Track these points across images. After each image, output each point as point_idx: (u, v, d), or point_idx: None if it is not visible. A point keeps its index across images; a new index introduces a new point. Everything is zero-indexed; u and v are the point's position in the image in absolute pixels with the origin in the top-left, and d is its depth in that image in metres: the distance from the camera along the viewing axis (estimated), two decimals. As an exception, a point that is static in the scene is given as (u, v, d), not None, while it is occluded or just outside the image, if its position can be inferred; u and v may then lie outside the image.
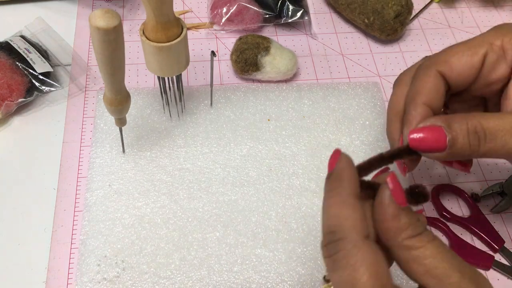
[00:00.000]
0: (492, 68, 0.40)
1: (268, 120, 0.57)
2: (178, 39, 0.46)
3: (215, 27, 0.66)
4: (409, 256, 0.29)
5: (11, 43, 0.58)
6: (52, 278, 0.46)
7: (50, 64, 0.59)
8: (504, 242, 0.51)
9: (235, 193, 0.52)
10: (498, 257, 0.51)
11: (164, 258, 0.47)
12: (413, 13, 0.69)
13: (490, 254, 0.50)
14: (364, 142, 0.56)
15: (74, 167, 0.53)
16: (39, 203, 0.51)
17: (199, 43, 0.65)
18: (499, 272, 0.50)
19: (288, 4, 0.65)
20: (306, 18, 0.66)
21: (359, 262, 0.27)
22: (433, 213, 0.53)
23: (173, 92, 0.54)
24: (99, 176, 0.52)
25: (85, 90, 0.60)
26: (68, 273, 0.47)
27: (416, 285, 0.30)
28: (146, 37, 0.46)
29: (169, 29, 0.46)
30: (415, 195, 0.30)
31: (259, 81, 0.61)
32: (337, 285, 0.28)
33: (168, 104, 0.56)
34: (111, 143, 0.54)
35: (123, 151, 0.53)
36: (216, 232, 0.49)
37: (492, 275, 0.50)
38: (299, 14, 0.65)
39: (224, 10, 0.64)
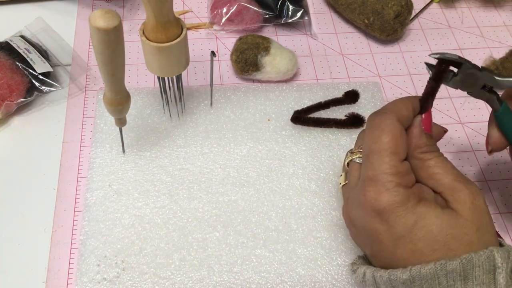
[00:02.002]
0: None
1: (268, 120, 0.57)
2: (178, 39, 0.46)
3: (215, 27, 0.66)
4: (420, 164, 0.40)
5: (11, 43, 0.58)
6: (52, 278, 0.46)
7: (50, 64, 0.59)
8: (504, 242, 0.51)
9: (235, 193, 0.52)
10: (498, 257, 0.50)
11: (164, 258, 0.47)
12: (413, 13, 0.69)
13: (490, 255, 0.50)
14: (364, 142, 0.56)
15: (74, 167, 0.53)
16: (39, 203, 0.51)
17: (199, 43, 0.65)
18: (499, 273, 0.50)
19: (288, 4, 0.65)
20: (306, 18, 0.66)
21: (388, 130, 0.39)
22: (433, 213, 0.53)
23: (173, 92, 0.54)
24: (99, 176, 0.52)
25: (85, 90, 0.60)
26: (68, 273, 0.47)
27: None
28: (146, 37, 0.46)
29: (169, 29, 0.46)
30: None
31: (259, 81, 0.61)
32: (366, 138, 0.40)
33: (168, 104, 0.56)
34: (111, 143, 0.54)
35: (123, 151, 0.53)
36: (216, 232, 0.49)
37: (492, 276, 0.50)
38: (299, 14, 0.65)
39: (224, 10, 0.64)
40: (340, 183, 0.46)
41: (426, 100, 0.42)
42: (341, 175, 0.46)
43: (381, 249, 0.38)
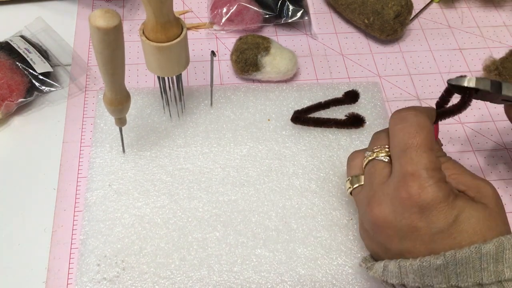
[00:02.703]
0: None
1: (268, 120, 0.57)
2: (178, 39, 0.46)
3: (215, 27, 0.66)
4: None
5: (11, 43, 0.58)
6: (52, 278, 0.46)
7: (50, 64, 0.59)
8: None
9: (235, 193, 0.51)
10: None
11: (164, 258, 0.47)
12: (413, 13, 0.69)
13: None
14: (364, 142, 0.56)
15: (74, 167, 0.53)
16: (39, 203, 0.51)
17: (199, 43, 0.65)
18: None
19: (288, 4, 0.65)
20: (306, 18, 0.66)
21: (424, 125, 0.40)
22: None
23: (173, 92, 0.54)
24: (99, 176, 0.52)
25: (85, 90, 0.60)
26: (68, 273, 0.47)
27: None
28: (146, 37, 0.46)
29: (169, 29, 0.46)
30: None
31: (259, 81, 0.61)
32: (401, 133, 0.40)
33: (168, 104, 0.56)
34: (111, 143, 0.54)
35: (123, 151, 0.53)
36: (216, 232, 0.49)
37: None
38: (299, 14, 0.65)
39: (224, 10, 0.64)
40: (349, 188, 0.45)
41: (444, 117, 0.44)
42: (347, 180, 0.45)
43: (414, 245, 0.39)
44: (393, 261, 0.39)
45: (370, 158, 0.43)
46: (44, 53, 0.60)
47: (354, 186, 0.44)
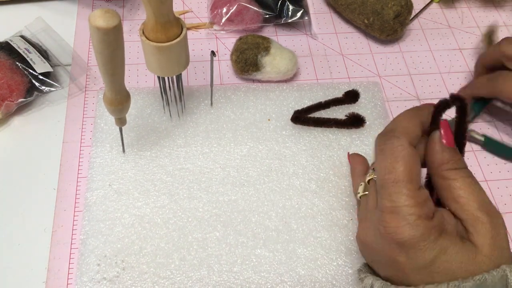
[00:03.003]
0: None
1: (269, 120, 0.57)
2: (178, 39, 0.46)
3: (215, 27, 0.66)
4: (444, 184, 0.38)
5: (11, 43, 0.58)
6: (52, 278, 0.46)
7: (50, 64, 0.59)
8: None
9: (235, 193, 0.51)
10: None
11: (164, 258, 0.47)
12: (413, 13, 0.69)
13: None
14: (364, 142, 0.56)
15: (74, 167, 0.53)
16: (39, 203, 0.51)
17: (199, 43, 0.65)
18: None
19: (288, 4, 0.65)
20: (306, 18, 0.66)
21: (400, 157, 0.37)
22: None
23: (173, 92, 0.54)
24: (99, 175, 0.52)
25: (85, 90, 0.60)
26: (68, 273, 0.47)
27: None
28: (146, 37, 0.46)
29: (169, 29, 0.46)
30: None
31: (259, 81, 0.61)
32: (379, 166, 0.38)
33: (168, 104, 0.56)
34: (111, 143, 0.54)
35: (123, 151, 0.53)
36: (216, 232, 0.49)
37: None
38: (299, 14, 0.65)
39: (224, 10, 0.64)
40: (358, 193, 0.45)
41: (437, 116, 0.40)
42: (360, 185, 0.45)
43: (397, 274, 0.38)
44: (378, 282, 0.39)
45: (370, 177, 0.43)
46: (44, 53, 0.60)
47: (364, 193, 0.44)
